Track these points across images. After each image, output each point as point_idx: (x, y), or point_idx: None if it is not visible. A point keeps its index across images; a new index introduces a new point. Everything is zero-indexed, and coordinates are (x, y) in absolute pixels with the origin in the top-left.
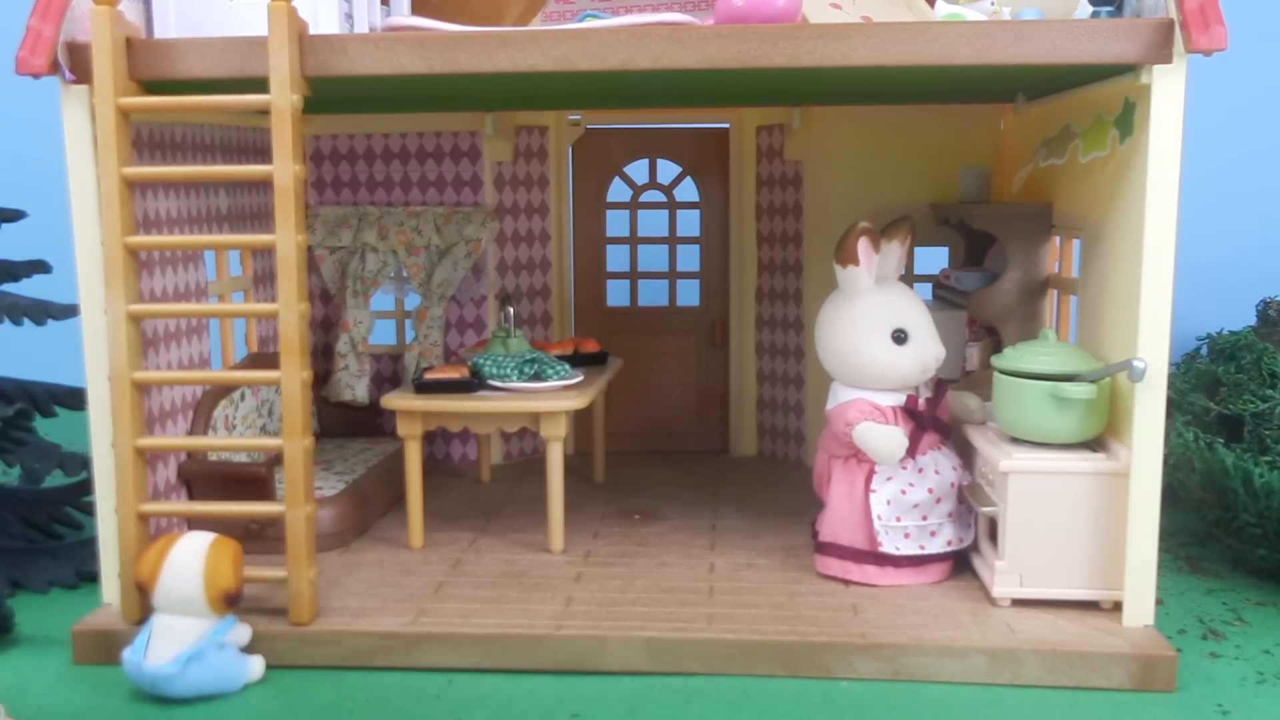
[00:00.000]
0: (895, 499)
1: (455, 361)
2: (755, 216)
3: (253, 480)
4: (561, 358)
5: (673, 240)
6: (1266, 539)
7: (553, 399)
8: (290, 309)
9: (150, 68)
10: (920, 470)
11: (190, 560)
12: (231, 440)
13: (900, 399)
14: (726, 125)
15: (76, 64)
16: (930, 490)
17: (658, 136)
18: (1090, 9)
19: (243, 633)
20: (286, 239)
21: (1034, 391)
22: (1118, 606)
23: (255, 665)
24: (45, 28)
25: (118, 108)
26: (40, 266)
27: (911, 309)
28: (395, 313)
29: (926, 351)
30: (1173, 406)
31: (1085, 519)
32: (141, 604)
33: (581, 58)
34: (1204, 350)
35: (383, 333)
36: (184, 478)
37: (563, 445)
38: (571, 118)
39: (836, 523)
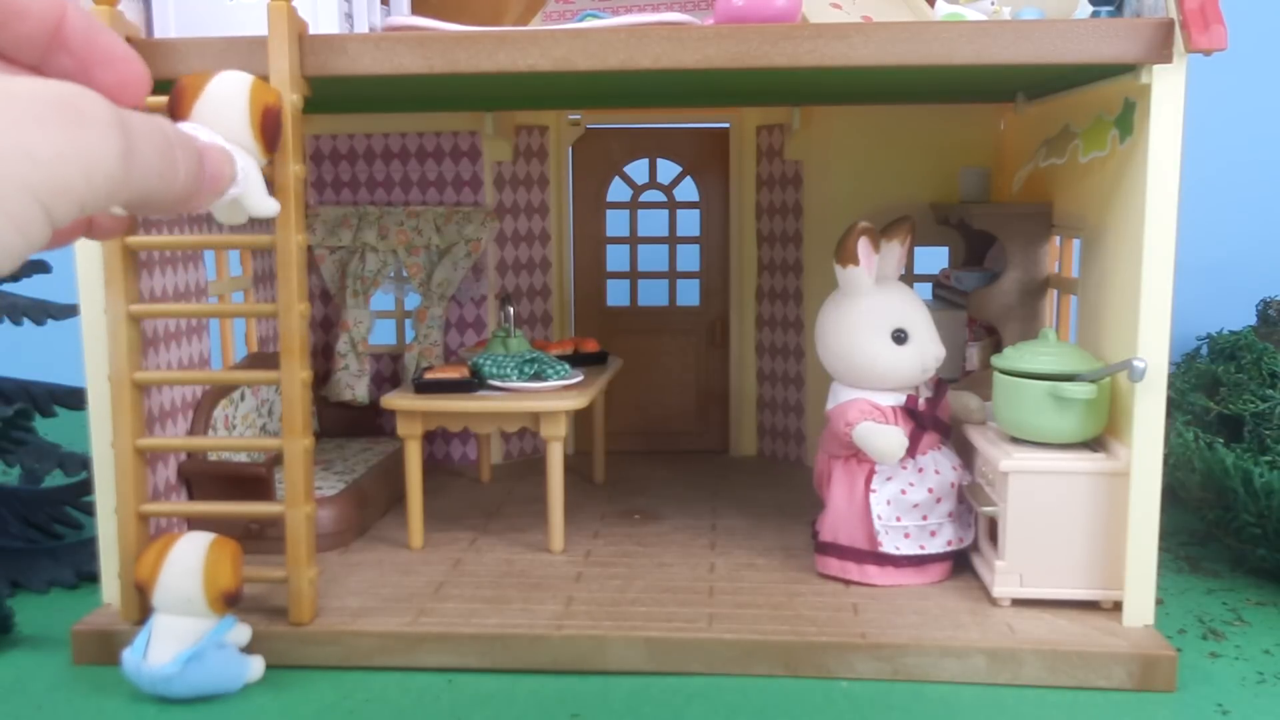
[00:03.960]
0: (895, 499)
1: (455, 361)
2: (755, 216)
3: (253, 480)
4: (561, 358)
5: (673, 240)
6: (1266, 539)
7: (553, 399)
8: (290, 309)
9: (150, 68)
10: (920, 470)
11: (190, 560)
12: (231, 440)
13: (900, 399)
14: (726, 125)
15: None
16: (930, 490)
17: (658, 136)
18: (1090, 9)
19: (243, 633)
20: (286, 239)
21: (1034, 391)
22: (1118, 606)
23: (255, 665)
24: None
25: None
26: (40, 266)
27: (911, 309)
28: (395, 313)
29: (926, 351)
30: (1173, 406)
31: (1085, 519)
32: (141, 604)
33: (581, 58)
34: (1204, 350)
35: (383, 333)
36: (184, 478)
37: (563, 445)
38: (571, 117)
39: (837, 523)
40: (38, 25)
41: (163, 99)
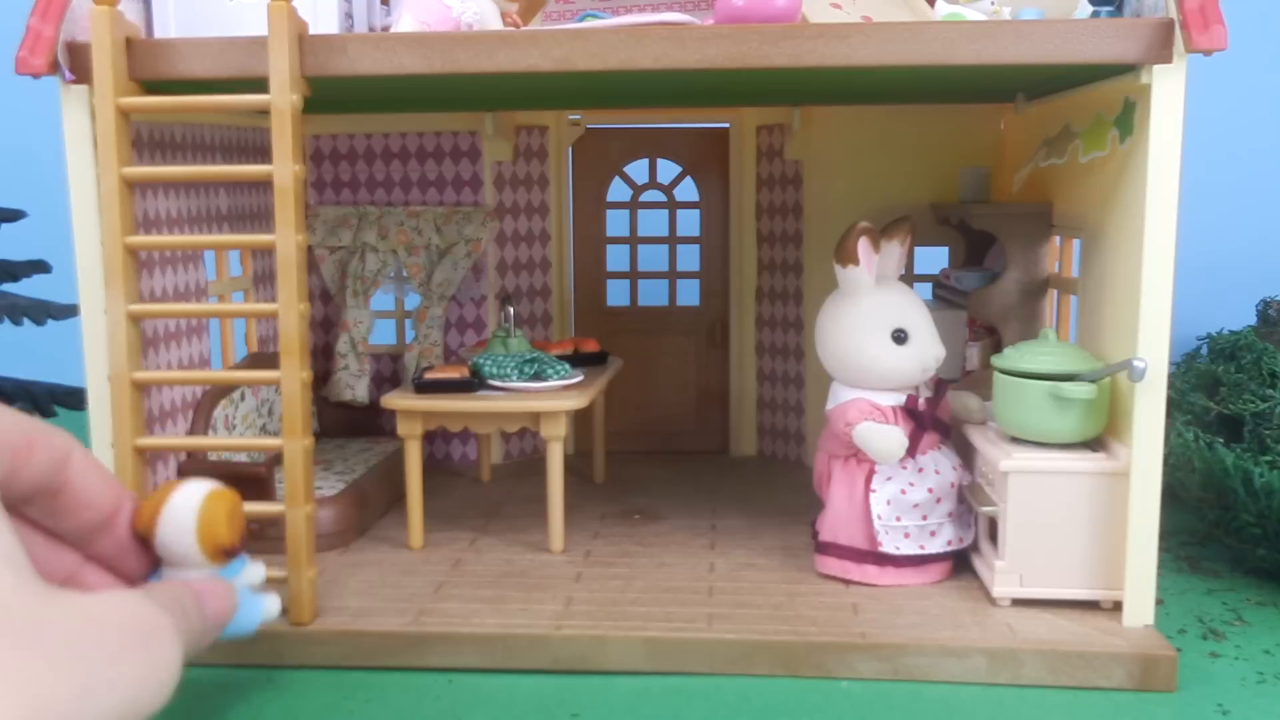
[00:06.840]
0: (895, 499)
1: (455, 361)
2: (755, 216)
3: (253, 480)
4: (561, 358)
5: (673, 240)
6: (1266, 539)
7: (553, 399)
8: (290, 309)
9: (150, 68)
10: (920, 470)
11: (184, 516)
12: (231, 440)
13: (900, 399)
14: (726, 125)
15: (76, 64)
16: (930, 490)
17: (658, 136)
18: (1090, 9)
19: (255, 572)
20: (286, 239)
21: (1034, 391)
22: (1118, 606)
23: (270, 604)
24: (45, 28)
25: (118, 108)
26: (40, 266)
27: (912, 309)
28: (395, 313)
29: (927, 351)
30: (1173, 406)
31: (1085, 519)
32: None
33: (581, 58)
34: (1204, 350)
35: (383, 333)
36: (184, 478)
37: (563, 445)
38: (571, 118)
39: (836, 522)
40: (98, 515)
41: (163, 99)
